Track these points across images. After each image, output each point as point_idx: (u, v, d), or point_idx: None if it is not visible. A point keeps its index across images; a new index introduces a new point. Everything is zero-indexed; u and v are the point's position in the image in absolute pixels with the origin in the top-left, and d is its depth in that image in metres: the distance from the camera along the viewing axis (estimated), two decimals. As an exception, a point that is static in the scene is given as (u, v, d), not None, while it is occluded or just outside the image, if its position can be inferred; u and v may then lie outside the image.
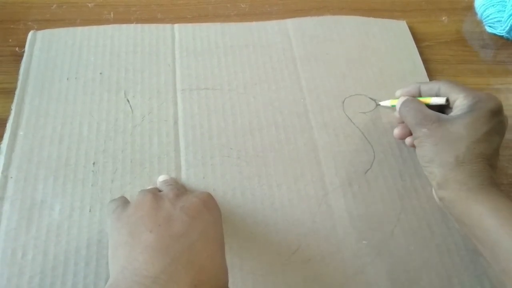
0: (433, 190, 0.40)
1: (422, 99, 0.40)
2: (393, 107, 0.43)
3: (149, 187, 0.39)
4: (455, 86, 0.39)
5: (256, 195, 0.41)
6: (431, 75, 0.49)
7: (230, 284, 0.36)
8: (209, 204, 0.33)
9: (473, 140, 0.35)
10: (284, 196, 0.41)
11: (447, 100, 0.39)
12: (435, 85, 0.40)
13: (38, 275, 0.35)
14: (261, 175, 0.42)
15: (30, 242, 0.37)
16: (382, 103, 0.46)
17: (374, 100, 0.47)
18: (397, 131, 0.43)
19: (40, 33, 0.49)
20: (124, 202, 0.33)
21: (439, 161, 0.36)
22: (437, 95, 0.40)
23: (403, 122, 0.42)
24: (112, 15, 0.53)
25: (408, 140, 0.42)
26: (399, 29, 0.53)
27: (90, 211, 0.39)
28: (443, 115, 0.37)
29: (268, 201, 0.40)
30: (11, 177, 0.40)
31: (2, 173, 0.40)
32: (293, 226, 0.39)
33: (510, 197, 0.42)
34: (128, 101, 0.45)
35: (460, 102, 0.37)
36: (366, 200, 0.41)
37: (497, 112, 0.36)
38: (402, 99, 0.41)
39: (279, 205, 0.40)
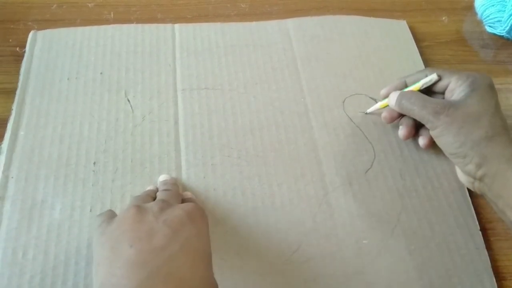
0: (459, 175, 0.41)
1: (412, 87, 0.41)
2: (383, 108, 0.43)
3: (149, 187, 0.40)
4: (442, 71, 0.40)
5: (256, 195, 0.41)
6: (431, 75, 0.50)
7: (230, 284, 0.36)
8: (193, 216, 0.32)
9: (490, 114, 0.36)
10: (285, 196, 0.41)
11: (439, 75, 0.39)
12: (421, 75, 0.41)
13: (38, 275, 0.36)
14: (261, 175, 0.42)
15: (31, 242, 0.37)
16: (369, 110, 0.45)
17: (375, 100, 0.47)
18: (404, 132, 0.42)
19: (40, 34, 0.49)
20: (109, 217, 0.33)
21: (471, 142, 0.36)
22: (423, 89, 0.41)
23: (396, 119, 0.42)
24: (112, 15, 0.53)
25: (422, 141, 0.42)
26: (399, 28, 0.53)
27: (90, 210, 0.39)
28: (451, 100, 0.38)
29: (269, 201, 0.40)
30: (12, 177, 0.40)
31: (3, 173, 0.40)
32: (294, 225, 0.39)
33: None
34: (129, 101, 0.45)
35: (455, 84, 0.38)
36: (366, 199, 0.41)
37: (493, 86, 0.38)
38: (395, 93, 0.41)
39: (279, 205, 0.40)
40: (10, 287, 0.35)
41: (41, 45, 0.48)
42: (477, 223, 0.40)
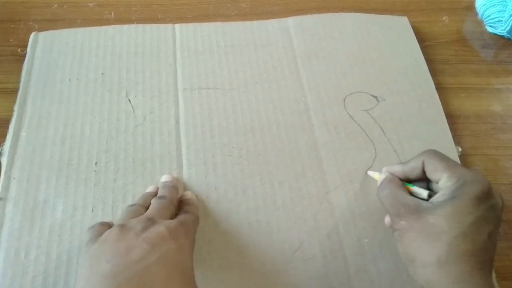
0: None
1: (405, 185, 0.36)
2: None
3: (150, 188, 0.40)
4: (438, 163, 0.33)
5: (257, 194, 0.41)
6: (432, 75, 0.49)
7: (231, 283, 0.37)
8: (175, 233, 0.32)
9: (456, 234, 0.29)
10: (286, 195, 0.41)
11: (429, 196, 0.33)
12: (417, 163, 0.35)
13: (41, 275, 0.36)
14: (262, 174, 0.42)
15: (33, 242, 0.37)
16: (370, 173, 0.42)
17: (376, 97, 0.47)
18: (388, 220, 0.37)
19: (42, 35, 0.50)
20: (97, 234, 0.33)
21: (420, 262, 0.30)
22: (423, 175, 0.35)
23: None
24: (112, 15, 0.53)
25: (386, 219, 0.37)
26: (400, 25, 0.53)
27: (92, 210, 0.39)
28: (424, 203, 0.32)
29: (270, 200, 0.40)
30: (14, 178, 0.40)
31: (5, 174, 0.40)
32: (295, 224, 0.39)
33: (510, 197, 0.43)
34: (130, 101, 0.45)
35: (443, 183, 0.32)
36: (367, 198, 0.41)
37: (484, 198, 0.30)
38: (382, 176, 0.37)
39: (280, 204, 0.40)
40: (12, 287, 0.35)
41: (42, 46, 0.49)
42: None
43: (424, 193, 0.34)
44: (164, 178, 0.40)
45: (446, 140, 0.45)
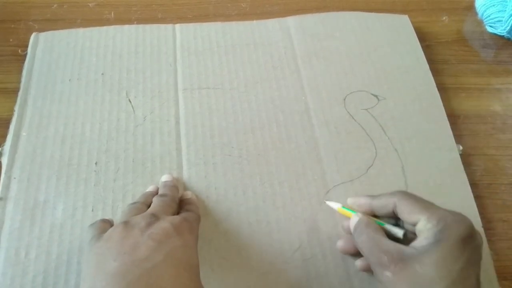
0: None
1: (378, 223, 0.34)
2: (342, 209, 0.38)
3: (150, 187, 0.40)
4: (414, 205, 0.32)
5: (257, 193, 0.41)
6: (432, 75, 0.49)
7: (232, 283, 0.37)
8: (180, 229, 0.32)
9: (448, 283, 0.28)
10: (286, 194, 0.41)
11: (405, 235, 0.32)
12: (389, 202, 0.34)
13: (41, 275, 0.36)
14: (262, 174, 0.42)
15: (33, 242, 0.37)
16: (329, 203, 0.40)
17: (376, 97, 0.47)
18: (341, 244, 0.37)
19: (42, 35, 0.50)
20: (101, 230, 0.33)
21: None
22: (391, 213, 0.34)
23: (350, 233, 0.36)
24: (112, 15, 0.53)
25: (358, 263, 0.36)
26: (401, 23, 0.53)
27: (92, 210, 0.39)
28: (407, 249, 0.30)
29: (270, 199, 0.40)
30: (14, 178, 0.40)
31: (5, 173, 0.40)
32: (295, 224, 0.39)
33: (510, 197, 0.43)
34: (130, 101, 0.46)
35: (423, 226, 0.31)
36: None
37: (469, 238, 0.29)
38: (355, 218, 0.35)
39: (280, 203, 0.40)
40: (13, 286, 0.35)
41: (43, 46, 0.49)
42: (480, 220, 0.40)
43: (399, 232, 0.33)
44: (164, 177, 0.40)
45: (447, 139, 0.44)
